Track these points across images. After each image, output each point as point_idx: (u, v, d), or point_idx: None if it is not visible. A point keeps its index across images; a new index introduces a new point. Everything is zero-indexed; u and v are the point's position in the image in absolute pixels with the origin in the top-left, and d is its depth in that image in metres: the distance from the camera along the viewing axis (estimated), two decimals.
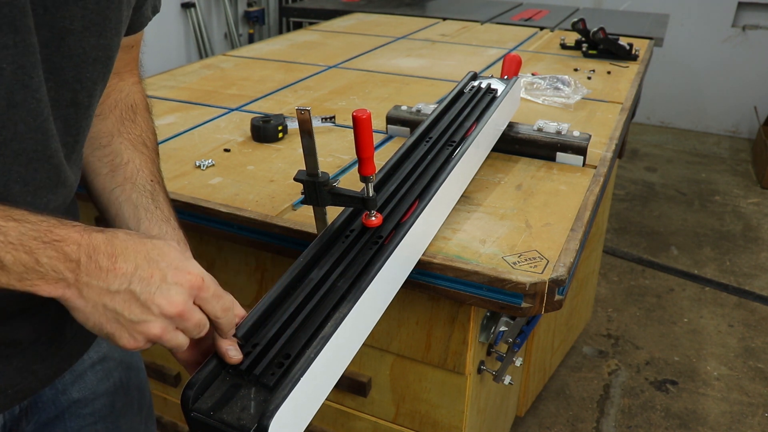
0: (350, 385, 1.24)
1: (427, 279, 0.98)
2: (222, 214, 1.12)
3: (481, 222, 1.08)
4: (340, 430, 1.34)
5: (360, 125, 0.77)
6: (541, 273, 0.94)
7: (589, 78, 1.91)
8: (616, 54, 2.11)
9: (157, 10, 0.85)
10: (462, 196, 1.13)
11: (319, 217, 0.89)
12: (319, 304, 0.74)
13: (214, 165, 1.30)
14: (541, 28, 2.71)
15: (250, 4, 4.64)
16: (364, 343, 0.78)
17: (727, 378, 2.24)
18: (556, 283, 0.94)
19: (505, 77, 1.36)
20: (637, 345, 2.41)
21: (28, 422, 0.79)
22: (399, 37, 2.53)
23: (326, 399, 0.70)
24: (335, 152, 1.37)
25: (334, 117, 1.52)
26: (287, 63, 2.10)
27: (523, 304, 0.94)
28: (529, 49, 2.33)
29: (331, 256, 0.80)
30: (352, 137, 0.80)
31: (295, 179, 0.82)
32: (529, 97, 1.67)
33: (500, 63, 1.87)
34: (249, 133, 1.45)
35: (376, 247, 0.82)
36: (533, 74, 1.78)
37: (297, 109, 0.74)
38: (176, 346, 0.62)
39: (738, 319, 2.56)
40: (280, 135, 1.42)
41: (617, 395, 2.16)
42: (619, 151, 1.69)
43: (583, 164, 1.28)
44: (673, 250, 3.05)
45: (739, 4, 4.27)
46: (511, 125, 1.33)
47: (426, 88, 1.82)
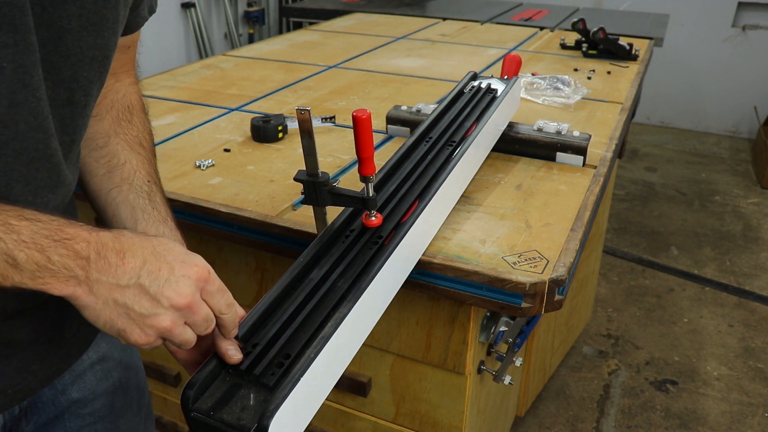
0: (350, 385, 1.24)
1: (427, 279, 0.98)
2: (222, 214, 1.12)
3: (481, 222, 1.08)
4: (340, 430, 1.34)
5: (360, 125, 0.77)
6: (541, 273, 0.94)
7: (589, 78, 1.91)
8: (616, 54, 2.11)
9: (153, 10, 0.85)
10: (462, 196, 1.13)
11: (319, 217, 0.89)
12: (319, 304, 0.74)
13: (214, 165, 1.30)
14: (541, 28, 2.71)
15: (250, 4, 4.64)
16: (364, 343, 0.78)
17: (727, 378, 2.24)
18: (556, 283, 0.94)
19: (505, 77, 1.36)
20: (637, 345, 2.41)
21: (27, 422, 0.79)
22: (399, 37, 2.53)
23: (326, 399, 0.70)
24: (335, 152, 1.37)
25: (334, 117, 1.52)
26: (287, 63, 2.10)
27: (523, 304, 0.94)
28: (529, 49, 2.33)
29: (331, 256, 0.80)
30: (352, 137, 0.80)
31: (295, 179, 0.82)
32: (529, 97, 1.67)
33: (500, 63, 1.87)
34: (249, 133, 1.45)
35: (376, 247, 0.82)
36: (533, 74, 1.78)
37: (297, 109, 0.74)
38: (184, 342, 0.62)
39: (738, 319, 2.56)
40: (280, 135, 1.42)
41: (617, 395, 2.16)
42: (619, 151, 1.69)
43: (583, 164, 1.28)
44: (673, 250, 3.05)
45: (739, 4, 4.27)
46: (511, 125, 1.33)
47: (426, 88, 1.82)
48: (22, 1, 0.57)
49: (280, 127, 1.41)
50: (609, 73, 1.98)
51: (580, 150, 1.27)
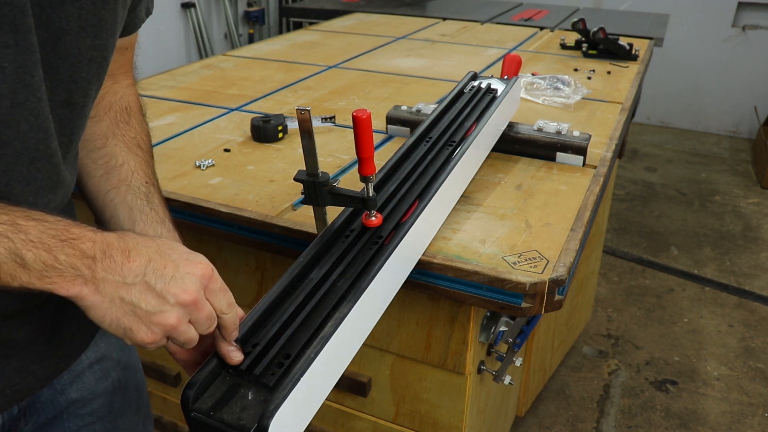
0: (350, 385, 1.24)
1: (427, 279, 0.98)
2: (222, 214, 1.12)
3: (481, 222, 1.08)
4: (340, 430, 1.34)
5: (360, 125, 0.77)
6: (541, 273, 0.94)
7: (589, 78, 1.91)
8: (616, 54, 2.11)
9: (150, 12, 0.86)
10: (462, 196, 1.13)
11: (319, 217, 0.89)
12: (319, 304, 0.74)
13: (214, 165, 1.30)
14: (541, 28, 2.71)
15: (250, 4, 4.64)
16: (364, 343, 0.78)
17: (727, 378, 2.24)
18: (556, 283, 0.94)
19: (505, 77, 1.36)
20: (637, 345, 2.40)
21: (26, 422, 0.79)
22: (399, 37, 2.53)
23: (326, 399, 0.70)
24: (335, 152, 1.37)
25: (334, 117, 1.52)
26: (287, 63, 2.10)
27: (523, 304, 0.94)
28: (529, 49, 2.33)
29: (331, 256, 0.80)
30: (352, 137, 0.80)
31: (295, 179, 0.82)
32: (529, 97, 1.67)
33: (500, 63, 1.87)
34: (249, 133, 1.45)
35: (376, 247, 0.82)
36: (533, 74, 1.78)
37: (297, 109, 0.74)
38: (188, 340, 0.63)
39: (738, 319, 2.56)
40: (280, 135, 1.42)
41: (617, 395, 2.16)
42: (619, 151, 1.69)
43: (583, 164, 1.28)
44: (673, 250, 3.05)
45: (739, 4, 4.27)
46: (511, 125, 1.33)
47: (426, 88, 1.82)
48: (23, 1, 0.58)
49: (280, 127, 1.41)
50: (609, 73, 1.98)
51: (580, 150, 1.27)
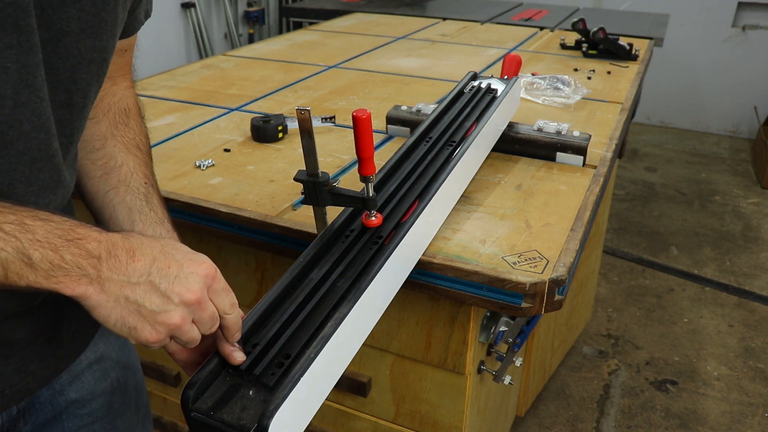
0: (350, 385, 1.24)
1: (427, 279, 0.98)
2: (222, 214, 1.12)
3: (481, 222, 1.08)
4: (340, 430, 1.34)
5: (360, 125, 0.77)
6: (541, 273, 0.94)
7: (589, 78, 1.91)
8: (616, 54, 2.11)
9: (149, 15, 0.86)
10: (462, 196, 1.13)
11: (319, 217, 0.89)
12: (319, 304, 0.74)
13: (214, 165, 1.30)
14: (541, 28, 2.71)
15: (250, 4, 4.64)
16: (364, 343, 0.78)
17: (727, 378, 2.24)
18: (556, 283, 0.94)
19: (505, 77, 1.36)
20: (637, 345, 2.40)
21: (25, 423, 0.79)
22: (399, 37, 2.53)
23: (326, 399, 0.70)
24: (335, 152, 1.37)
25: (334, 117, 1.52)
26: (287, 63, 2.10)
27: (523, 304, 0.94)
28: (529, 49, 2.33)
29: (331, 256, 0.80)
30: (352, 137, 0.80)
31: (295, 179, 0.82)
32: (529, 97, 1.67)
33: (500, 63, 1.87)
34: (249, 133, 1.45)
35: (376, 247, 0.82)
36: (533, 74, 1.78)
37: (297, 109, 0.74)
38: (190, 340, 0.63)
39: (738, 319, 2.56)
40: (280, 135, 1.42)
41: (617, 395, 2.16)
42: (619, 151, 1.69)
43: (583, 164, 1.28)
44: (673, 250, 3.05)
45: (739, 4, 4.27)
46: (511, 125, 1.33)
47: (426, 88, 1.82)
48: (25, 2, 0.58)
49: (280, 127, 1.41)
50: (609, 73, 1.98)
51: (580, 150, 1.27)
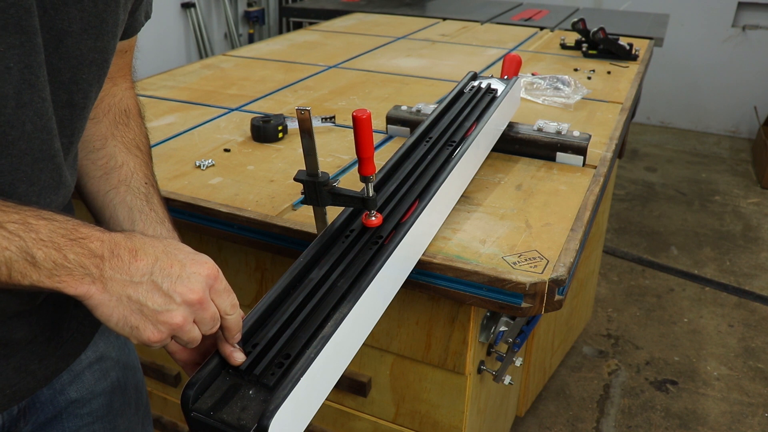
0: (350, 385, 1.24)
1: (427, 279, 0.98)
2: (222, 214, 1.12)
3: (481, 222, 1.08)
4: (340, 430, 1.34)
5: (360, 125, 0.77)
6: (541, 273, 0.94)
7: (589, 78, 1.91)
8: (616, 54, 2.11)
9: (149, 16, 0.86)
10: (462, 196, 1.13)
11: (319, 217, 0.89)
12: (319, 304, 0.74)
13: (214, 165, 1.30)
14: (541, 28, 2.71)
15: (250, 4, 4.64)
16: (364, 343, 0.78)
17: (727, 378, 2.24)
18: (556, 283, 0.94)
19: (505, 77, 1.36)
20: (637, 345, 2.40)
21: (26, 422, 0.79)
22: (399, 37, 2.53)
23: (326, 399, 0.70)
24: (335, 152, 1.37)
25: (334, 117, 1.52)
26: (287, 63, 2.10)
27: (523, 304, 0.94)
28: (529, 49, 2.33)
29: (331, 256, 0.80)
30: (352, 137, 0.80)
31: (295, 179, 0.82)
32: (529, 97, 1.67)
33: (500, 63, 1.87)
34: (249, 133, 1.45)
35: (376, 247, 0.82)
36: (533, 74, 1.78)
37: (297, 109, 0.74)
38: (191, 340, 0.63)
39: (738, 319, 2.56)
40: (280, 135, 1.42)
41: (617, 395, 2.16)
42: (619, 151, 1.69)
43: (583, 164, 1.28)
44: (673, 250, 3.05)
45: (739, 4, 4.27)
46: (511, 125, 1.33)
47: (426, 88, 1.82)
48: (28, 3, 0.58)
49: (280, 127, 1.41)
50: (609, 73, 1.98)
51: (580, 150, 1.27)
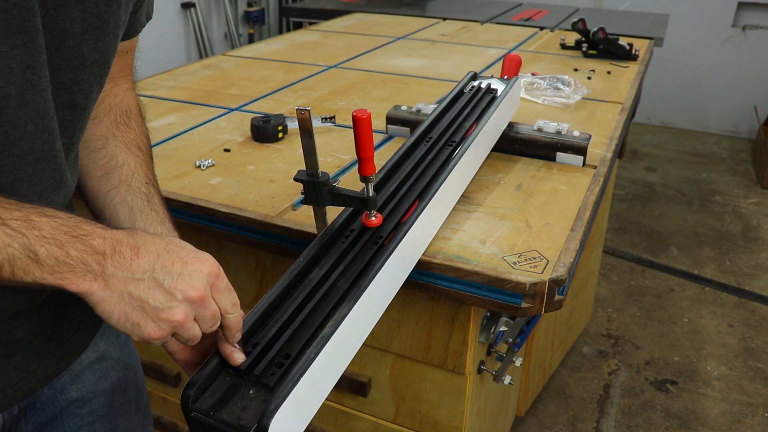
0: (350, 385, 1.24)
1: (427, 279, 0.98)
2: (222, 214, 1.12)
3: (481, 222, 1.08)
4: (340, 430, 1.34)
5: (360, 125, 0.77)
6: (541, 273, 0.94)
7: (589, 78, 1.91)
8: (616, 54, 2.11)
9: (150, 17, 0.87)
10: (462, 196, 1.13)
11: (319, 217, 0.89)
12: (319, 304, 0.74)
13: (214, 165, 1.30)
14: (541, 28, 2.71)
15: (250, 4, 4.64)
16: (364, 343, 0.78)
17: (727, 378, 2.24)
18: (556, 283, 0.94)
19: (505, 77, 1.36)
20: (637, 345, 2.40)
21: (26, 422, 0.79)
22: (399, 37, 2.53)
23: (326, 399, 0.70)
24: (335, 152, 1.37)
25: (334, 117, 1.52)
26: (287, 63, 2.10)
27: (523, 304, 0.94)
28: (529, 49, 2.33)
29: (331, 256, 0.80)
30: (352, 137, 0.80)
31: (295, 179, 0.82)
32: (529, 97, 1.67)
33: (500, 63, 1.87)
34: (249, 133, 1.45)
35: (376, 247, 0.82)
36: (533, 74, 1.78)
37: (297, 109, 0.74)
38: (192, 337, 0.63)
39: (738, 319, 2.56)
40: (280, 135, 1.42)
41: (617, 395, 2.16)
42: (619, 151, 1.69)
43: (583, 164, 1.28)
44: (673, 250, 3.05)
45: (739, 4, 4.27)
46: (511, 125, 1.33)
47: (426, 88, 1.82)
48: (31, 3, 0.58)
49: (280, 127, 1.41)
50: (609, 73, 1.98)
51: (580, 150, 1.27)
